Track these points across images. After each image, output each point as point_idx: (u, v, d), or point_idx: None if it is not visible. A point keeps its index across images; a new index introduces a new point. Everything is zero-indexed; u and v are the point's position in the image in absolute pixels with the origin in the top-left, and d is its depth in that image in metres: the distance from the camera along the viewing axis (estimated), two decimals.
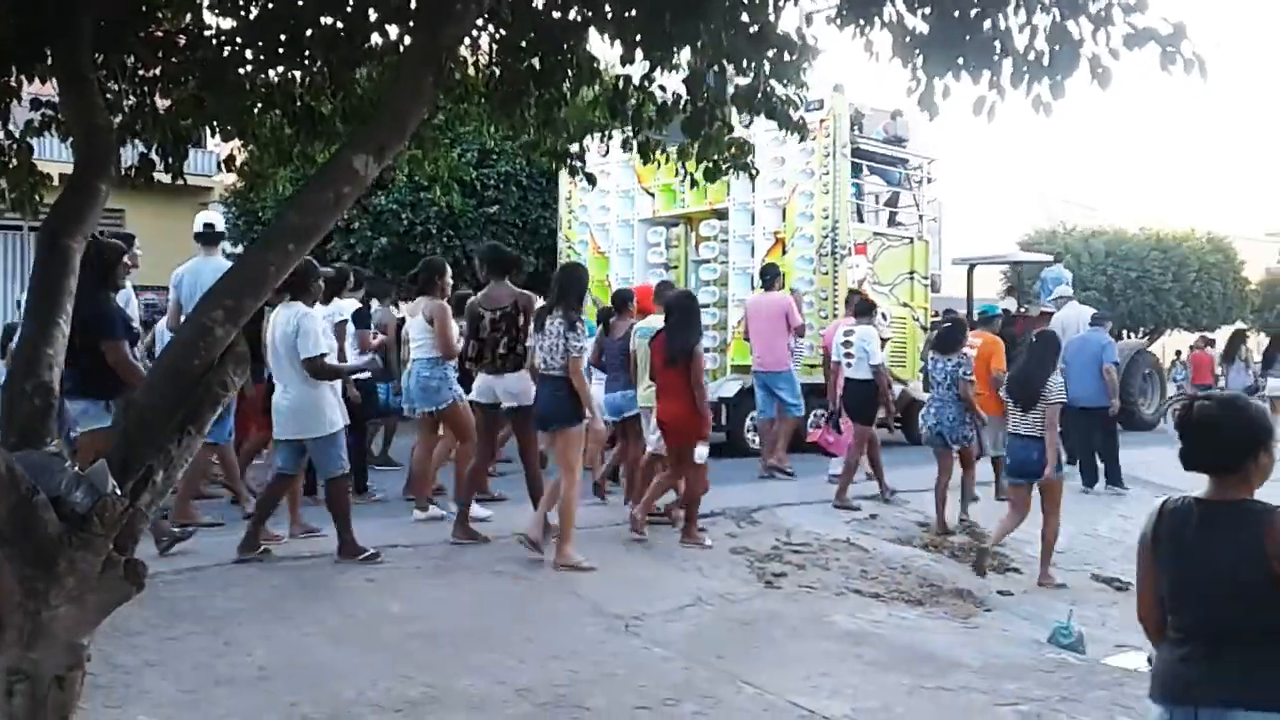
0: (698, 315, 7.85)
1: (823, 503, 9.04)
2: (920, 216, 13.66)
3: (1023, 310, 15.06)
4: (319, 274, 6.85)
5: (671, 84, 4.22)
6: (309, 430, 6.45)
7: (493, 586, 6.26)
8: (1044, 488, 7.78)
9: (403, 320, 9.20)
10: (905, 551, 7.99)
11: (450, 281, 8.15)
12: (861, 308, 9.95)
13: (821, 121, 11.71)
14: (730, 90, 4.03)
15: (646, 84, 4.19)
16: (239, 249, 14.85)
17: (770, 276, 10.67)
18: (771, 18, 3.63)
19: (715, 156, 4.41)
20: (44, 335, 2.75)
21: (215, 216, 8.52)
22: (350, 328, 8.19)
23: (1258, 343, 20.92)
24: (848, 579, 7.00)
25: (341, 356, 7.64)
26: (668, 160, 4.76)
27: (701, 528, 7.56)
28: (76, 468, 2.50)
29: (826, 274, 12.07)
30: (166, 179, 4.57)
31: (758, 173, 4.86)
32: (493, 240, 14.69)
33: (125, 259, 6.55)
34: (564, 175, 13.25)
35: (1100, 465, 11.10)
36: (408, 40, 3.92)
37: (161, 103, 4.47)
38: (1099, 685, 5.17)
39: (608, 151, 11.40)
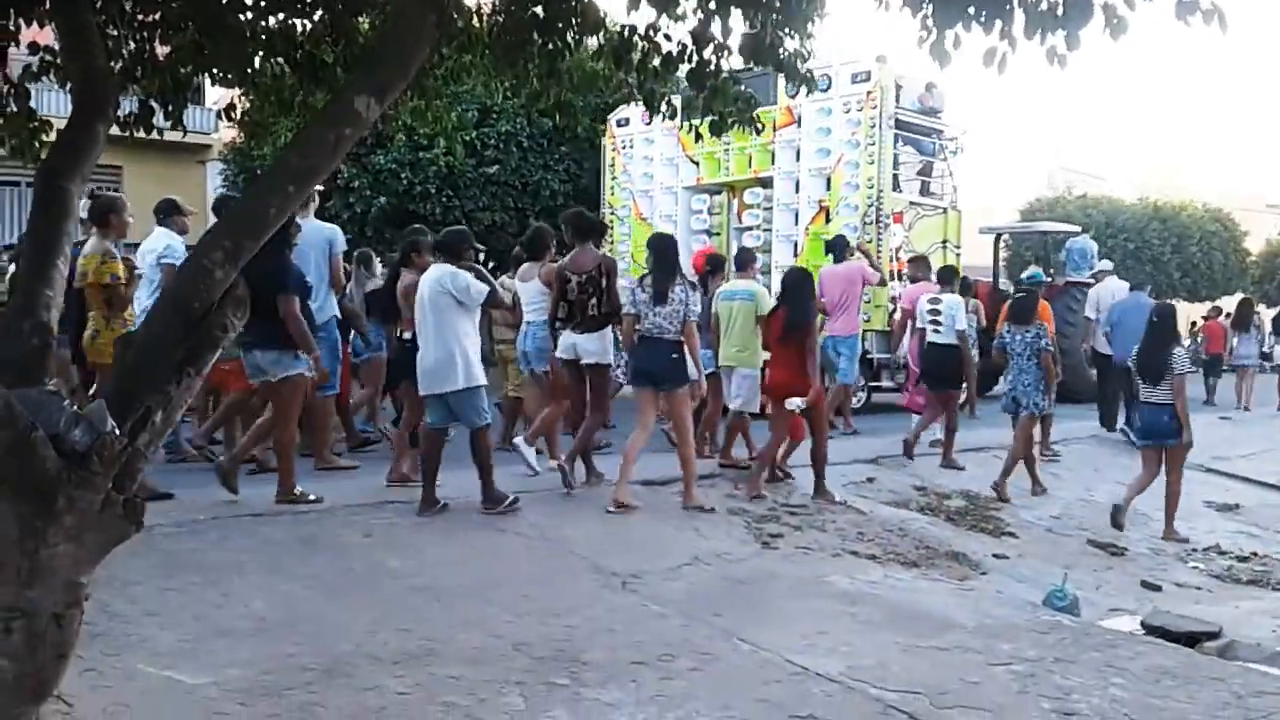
0: (813, 291, 8.48)
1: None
2: (954, 187, 13.90)
3: (1050, 279, 15.26)
4: (470, 241, 7.21)
5: (677, 34, 4.17)
6: (452, 384, 6.75)
7: (491, 544, 6.27)
8: (1170, 449, 8.47)
9: None
10: (901, 514, 8.00)
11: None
12: (945, 275, 10.52)
13: (869, 94, 12.13)
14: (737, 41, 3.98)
15: (652, 33, 4.13)
16: None
17: (840, 248, 10.87)
18: None
19: (721, 109, 4.35)
20: (41, 275, 2.73)
21: None
22: None
23: (1264, 313, 20.98)
24: (844, 541, 7.02)
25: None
26: (675, 115, 4.71)
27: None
28: (77, 405, 2.49)
29: (871, 241, 12.29)
30: (167, 126, 4.51)
31: (762, 128, 4.81)
32: (493, 200, 14.69)
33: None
34: (606, 142, 14.26)
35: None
36: None
37: (161, 49, 4.42)
38: (1092, 647, 5.18)
39: (651, 120, 12.33)
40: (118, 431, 2.43)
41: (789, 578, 6.09)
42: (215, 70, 4.45)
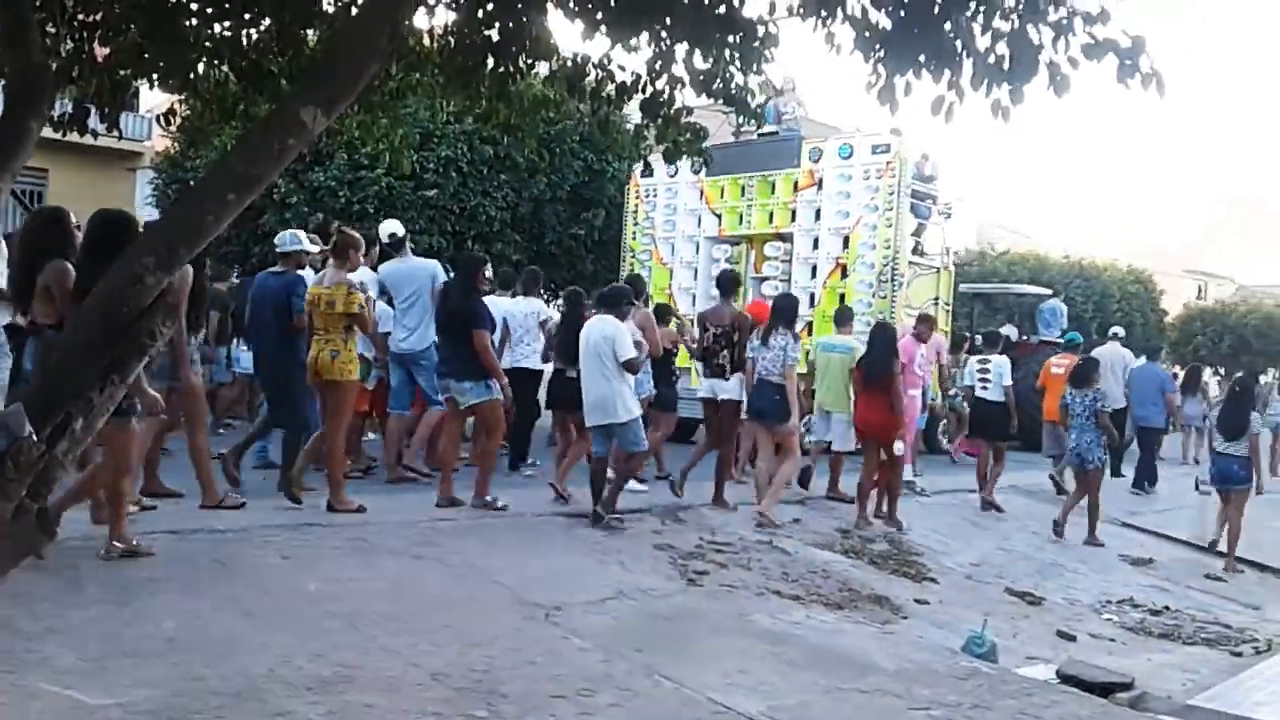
0: (895, 341, 9.59)
1: (747, 504, 9.07)
2: (947, 249, 14.95)
3: (1024, 338, 17.26)
4: (630, 297, 8.45)
5: (631, 64, 4.19)
6: (613, 417, 7.77)
7: (412, 571, 6.16)
8: (1234, 495, 10.15)
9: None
10: (826, 556, 8.04)
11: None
12: (992, 339, 12.16)
13: (888, 164, 13.26)
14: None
15: (606, 62, 4.15)
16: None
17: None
18: (736, 3, 3.61)
19: (675, 138, 4.38)
20: None
21: (396, 225, 9.94)
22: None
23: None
24: (769, 580, 7.02)
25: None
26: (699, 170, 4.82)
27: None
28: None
29: (885, 298, 13.33)
30: (102, 129, 4.40)
31: (711, 160, 4.85)
32: (430, 223, 14.62)
33: (484, 271, 8.54)
34: (630, 190, 15.70)
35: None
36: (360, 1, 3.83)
37: (101, 50, 4.31)
38: (1009, 694, 5.23)
39: (676, 172, 14.19)
40: (35, 438, 2.34)
41: (712, 615, 6.07)
42: (156, 75, 4.35)
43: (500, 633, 5.24)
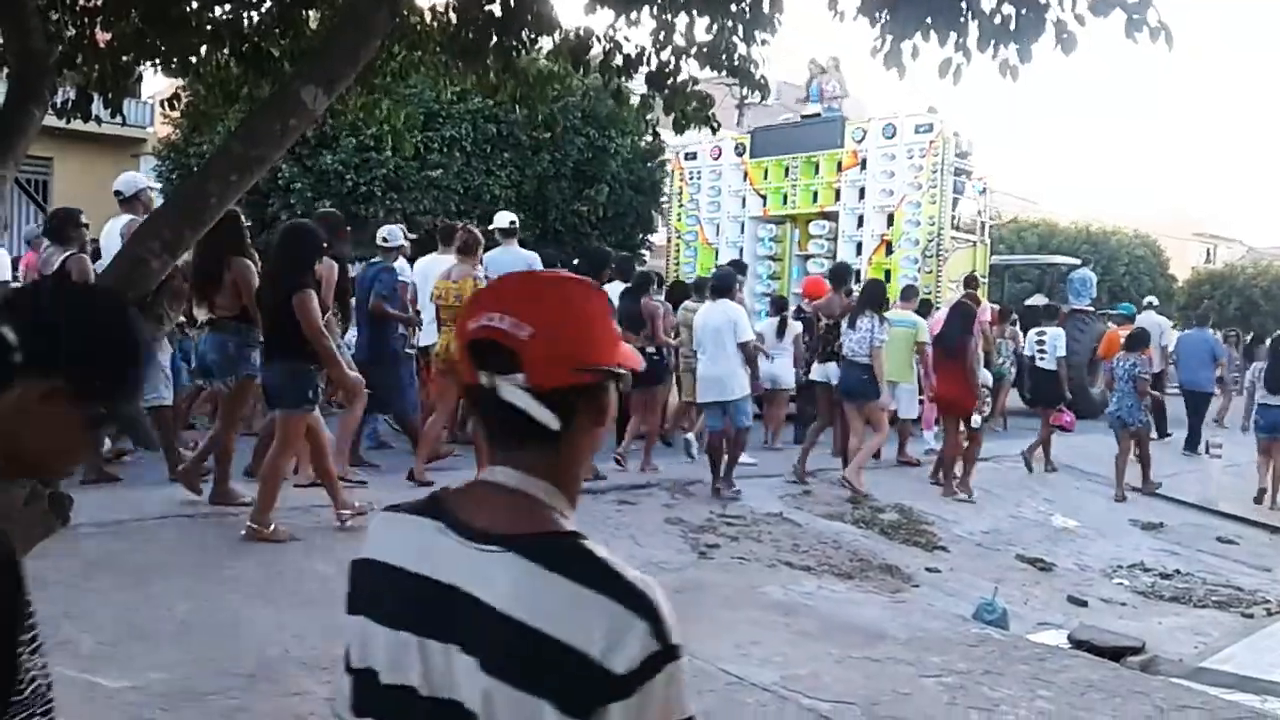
0: (973, 319, 9.95)
1: (757, 477, 9.09)
2: (981, 224, 15.13)
3: (1057, 307, 17.17)
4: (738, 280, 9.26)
5: (636, 37, 4.19)
6: (728, 395, 8.38)
7: None
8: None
9: None
10: (836, 527, 8.06)
11: None
12: (1050, 312, 13.43)
13: (931, 143, 13.64)
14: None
15: (611, 34, 4.13)
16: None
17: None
18: None
19: (683, 107, 4.36)
20: None
21: (510, 216, 10.31)
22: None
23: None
24: (779, 552, 7.05)
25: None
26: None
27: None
28: None
29: (930, 273, 13.71)
30: (106, 115, 4.39)
31: (719, 125, 4.83)
32: (435, 203, 14.62)
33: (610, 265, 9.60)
34: (674, 172, 16.12)
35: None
36: None
37: (102, 36, 4.29)
38: (1020, 660, 5.26)
39: (720, 154, 15.12)
40: None
41: (724, 587, 6.09)
42: (158, 60, 4.34)
43: None
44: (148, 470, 7.57)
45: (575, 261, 10.94)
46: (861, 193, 14.25)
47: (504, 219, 10.14)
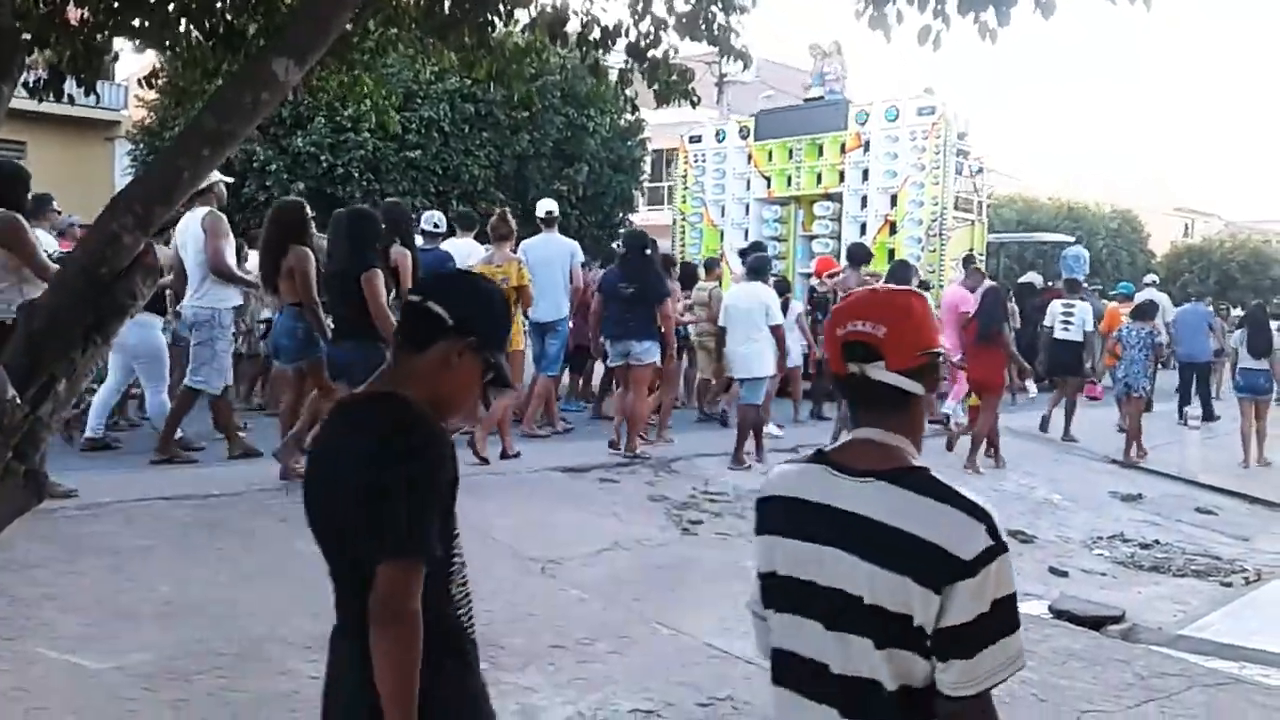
0: (1005, 302, 10.43)
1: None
2: (979, 203, 15.58)
3: (1048, 284, 17.61)
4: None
5: (613, 9, 4.17)
6: (753, 372, 8.95)
7: None
8: (1260, 404, 11.68)
9: None
10: None
11: None
12: (1073, 285, 13.82)
13: (934, 125, 13.95)
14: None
15: (588, 6, 4.10)
16: None
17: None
18: None
19: (664, 79, 4.33)
20: None
21: (552, 204, 10.51)
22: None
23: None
24: None
25: None
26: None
27: None
28: None
29: (934, 251, 14.04)
30: (79, 94, 4.34)
31: (699, 99, 4.82)
32: (414, 185, 14.56)
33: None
34: (679, 156, 16.48)
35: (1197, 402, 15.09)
36: None
37: (74, 14, 4.23)
38: None
39: (724, 138, 15.65)
40: (19, 400, 2.33)
41: (708, 563, 6.11)
42: (130, 37, 4.28)
43: (499, 587, 5.26)
44: (130, 454, 7.55)
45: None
46: (865, 174, 14.59)
47: (544, 208, 10.40)
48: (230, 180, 7.12)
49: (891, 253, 13.58)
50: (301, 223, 6.83)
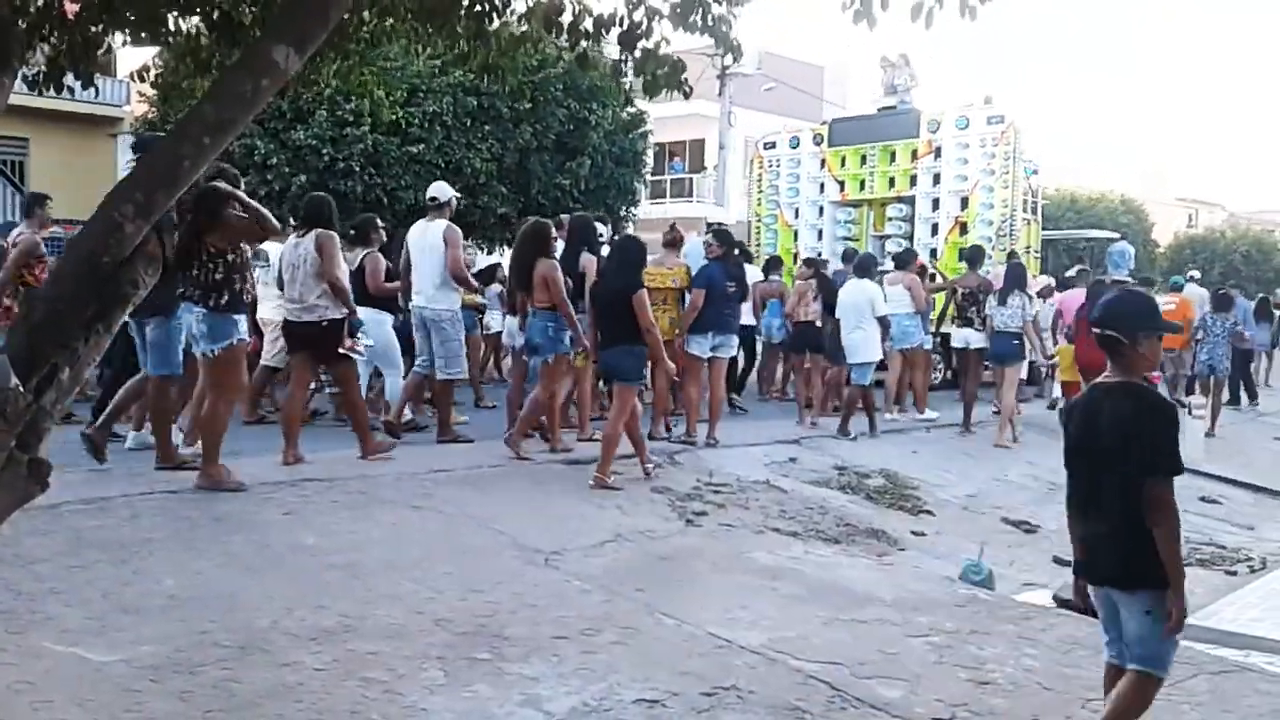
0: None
1: (742, 446, 9.11)
2: (1033, 204, 16.51)
3: (1100, 280, 18.37)
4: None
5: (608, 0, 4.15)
6: (864, 357, 10.33)
7: (410, 521, 6.18)
8: None
9: None
10: (822, 493, 8.09)
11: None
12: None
13: (1003, 133, 15.08)
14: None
15: None
16: None
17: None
18: None
19: (655, 70, 4.32)
20: None
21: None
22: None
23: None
24: (767, 518, 7.07)
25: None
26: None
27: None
28: None
29: (1003, 250, 14.73)
30: (78, 86, 4.33)
31: (691, 90, 4.80)
32: (416, 179, 14.53)
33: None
34: (754, 161, 17.92)
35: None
36: None
37: (71, 7, 4.22)
38: (1007, 619, 5.29)
39: (798, 144, 16.97)
40: (22, 389, 2.32)
41: (712, 553, 6.11)
42: (127, 29, 4.27)
43: (502, 578, 5.27)
44: (129, 451, 7.55)
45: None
46: (936, 178, 15.66)
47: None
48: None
49: (961, 251, 14.28)
50: (547, 239, 8.20)
